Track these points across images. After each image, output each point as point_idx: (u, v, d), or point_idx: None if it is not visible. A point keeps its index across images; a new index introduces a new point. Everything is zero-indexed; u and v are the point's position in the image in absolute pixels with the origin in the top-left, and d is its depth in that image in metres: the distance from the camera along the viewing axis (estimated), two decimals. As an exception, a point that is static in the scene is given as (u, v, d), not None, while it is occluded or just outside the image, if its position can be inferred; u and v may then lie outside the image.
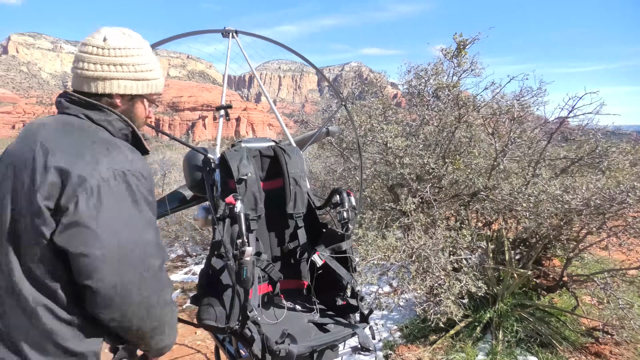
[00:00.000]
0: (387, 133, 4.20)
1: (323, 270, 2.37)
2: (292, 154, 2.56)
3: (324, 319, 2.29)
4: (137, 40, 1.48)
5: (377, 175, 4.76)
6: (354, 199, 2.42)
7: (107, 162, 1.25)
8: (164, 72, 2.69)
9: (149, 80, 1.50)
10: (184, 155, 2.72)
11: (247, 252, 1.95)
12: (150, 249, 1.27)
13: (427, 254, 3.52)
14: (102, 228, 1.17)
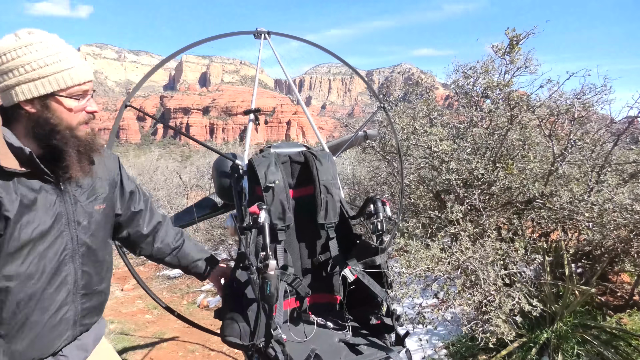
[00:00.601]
0: (431, 136, 3.94)
1: (356, 285, 2.20)
2: (324, 160, 2.40)
3: (357, 338, 2.10)
4: (25, 38, 1.32)
5: (421, 181, 4.50)
6: (389, 209, 2.22)
7: None
8: (218, 77, 2.64)
9: (49, 76, 1.33)
10: (213, 162, 2.65)
11: (270, 265, 1.82)
12: None
13: (474, 267, 3.23)
14: None
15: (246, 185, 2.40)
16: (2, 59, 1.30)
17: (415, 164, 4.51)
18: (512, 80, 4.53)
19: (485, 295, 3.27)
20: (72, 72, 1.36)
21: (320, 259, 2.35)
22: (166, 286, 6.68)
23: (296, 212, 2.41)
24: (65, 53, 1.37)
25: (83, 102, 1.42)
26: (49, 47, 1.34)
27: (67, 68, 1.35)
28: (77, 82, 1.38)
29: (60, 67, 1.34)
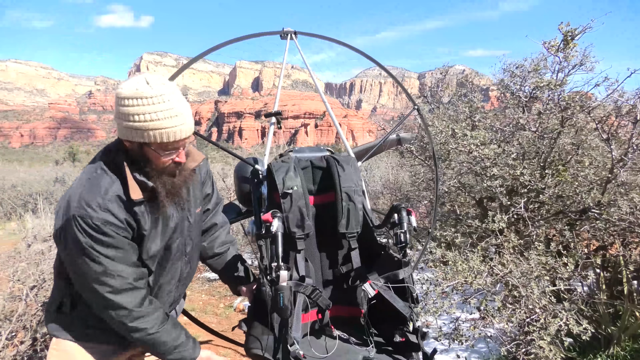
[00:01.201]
0: (471, 140, 3.68)
1: (380, 299, 2.05)
2: (347, 165, 2.26)
3: (381, 355, 1.96)
4: (140, 89, 1.42)
5: (463, 188, 4.23)
6: (414, 219, 2.06)
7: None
8: (270, 82, 2.66)
9: (140, 130, 1.45)
10: (235, 166, 2.59)
11: (282, 276, 1.73)
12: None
13: (516, 283, 2.96)
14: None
15: (265, 191, 2.32)
16: (123, 101, 1.43)
17: (456, 169, 4.24)
18: (567, 79, 4.17)
19: (528, 313, 2.99)
20: (163, 133, 1.46)
21: (342, 270, 2.22)
22: (205, 288, 6.76)
23: (317, 220, 2.30)
24: (173, 111, 1.46)
25: (172, 155, 1.55)
26: (162, 102, 1.43)
27: (166, 127, 1.46)
28: (171, 140, 1.49)
29: (161, 125, 1.45)
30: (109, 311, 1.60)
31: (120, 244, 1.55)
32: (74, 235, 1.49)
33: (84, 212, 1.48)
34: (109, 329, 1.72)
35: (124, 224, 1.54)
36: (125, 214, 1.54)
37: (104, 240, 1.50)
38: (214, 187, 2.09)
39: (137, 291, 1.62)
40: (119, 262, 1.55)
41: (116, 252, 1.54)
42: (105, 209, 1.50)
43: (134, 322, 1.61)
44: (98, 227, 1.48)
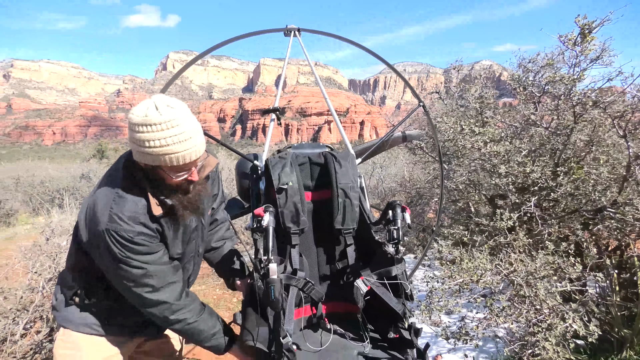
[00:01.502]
0: (478, 137, 3.61)
1: (375, 296, 2.05)
2: (344, 162, 2.26)
3: (376, 351, 1.97)
4: (150, 116, 1.45)
5: (473, 185, 4.16)
6: (409, 216, 2.05)
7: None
8: (293, 79, 2.72)
9: (151, 155, 1.50)
10: (236, 163, 2.62)
11: (272, 269, 1.75)
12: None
13: (520, 283, 2.90)
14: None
15: (263, 187, 2.34)
16: (134, 127, 1.47)
17: (466, 166, 4.17)
18: (584, 73, 4.04)
19: (535, 313, 2.93)
20: (174, 157, 1.50)
21: (338, 267, 2.23)
22: (220, 283, 6.84)
23: (314, 216, 2.31)
24: (182, 136, 1.48)
25: (184, 176, 1.60)
26: (170, 127, 1.46)
27: (176, 152, 1.49)
28: (181, 163, 1.53)
29: (171, 150, 1.48)
30: (150, 309, 1.70)
31: (154, 248, 1.65)
32: (108, 247, 1.58)
33: (118, 227, 1.56)
34: (120, 322, 1.85)
35: (155, 232, 1.64)
36: (156, 224, 1.64)
37: (138, 250, 1.60)
38: (220, 185, 2.18)
39: (175, 285, 1.73)
40: (155, 264, 1.66)
41: (152, 257, 1.64)
42: (138, 222, 1.59)
43: (174, 315, 1.72)
44: (132, 239, 1.57)
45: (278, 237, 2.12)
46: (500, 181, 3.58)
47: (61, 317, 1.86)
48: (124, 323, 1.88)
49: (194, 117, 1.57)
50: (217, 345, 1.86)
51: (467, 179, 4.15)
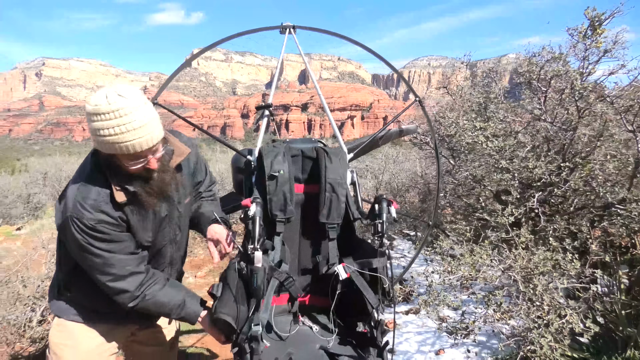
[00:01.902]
0: (479, 132, 3.58)
1: (354, 290, 2.08)
2: (335, 158, 2.31)
3: (341, 347, 2.00)
4: (99, 105, 1.48)
5: (476, 181, 4.12)
6: (394, 210, 2.07)
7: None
8: (316, 74, 2.79)
9: (104, 144, 1.53)
10: (231, 158, 2.70)
11: (256, 257, 1.79)
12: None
13: (517, 279, 2.89)
14: None
15: (254, 181, 2.41)
16: (88, 117, 1.52)
17: (470, 162, 4.14)
18: (594, 67, 3.95)
19: (533, 309, 2.91)
20: (125, 146, 1.52)
21: (318, 259, 2.28)
22: (234, 275, 6.99)
23: (304, 209, 2.37)
24: (132, 125, 1.50)
25: (140, 164, 1.61)
26: (119, 116, 1.48)
27: (127, 141, 1.51)
28: (132, 152, 1.54)
29: (122, 139, 1.50)
30: (113, 296, 1.75)
31: (117, 237, 1.68)
32: (72, 234, 1.63)
33: (80, 214, 1.60)
34: (104, 310, 1.89)
35: (117, 221, 1.66)
36: (119, 212, 1.67)
37: (100, 237, 1.63)
38: (206, 171, 2.19)
39: (137, 276, 1.76)
40: (117, 254, 1.69)
41: (114, 245, 1.68)
42: (99, 210, 1.62)
43: (133, 302, 1.76)
44: (93, 226, 1.61)
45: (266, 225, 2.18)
46: (503, 176, 3.56)
47: (55, 308, 1.94)
48: (109, 311, 1.89)
49: (150, 106, 1.59)
50: (186, 317, 1.88)
51: (470, 175, 4.13)
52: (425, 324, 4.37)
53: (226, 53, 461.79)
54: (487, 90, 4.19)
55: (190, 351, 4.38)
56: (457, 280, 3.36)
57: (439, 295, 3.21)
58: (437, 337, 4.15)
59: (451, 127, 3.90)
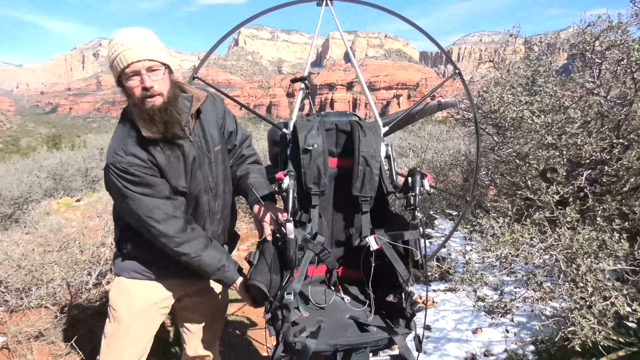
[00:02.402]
0: (523, 107, 3.41)
1: (384, 262, 2.09)
2: (369, 131, 2.30)
3: (372, 317, 2.03)
4: (112, 37, 1.73)
5: (520, 158, 3.96)
6: (427, 183, 2.05)
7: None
8: (362, 52, 2.79)
9: (110, 66, 1.73)
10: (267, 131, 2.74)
11: (289, 229, 1.85)
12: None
13: (559, 258, 2.79)
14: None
15: (289, 154, 2.44)
16: (108, 52, 1.76)
17: (516, 138, 3.96)
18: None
19: (576, 291, 2.81)
20: (119, 58, 1.68)
21: (351, 232, 2.30)
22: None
23: (337, 182, 2.39)
24: (123, 41, 1.67)
25: (136, 82, 1.71)
26: (117, 39, 1.69)
27: (117, 55, 1.67)
28: (124, 66, 1.68)
29: (115, 55, 1.68)
30: (158, 239, 1.84)
31: (150, 181, 1.78)
32: (112, 182, 1.77)
33: (114, 160, 1.74)
34: (155, 262, 2.01)
35: (147, 163, 1.77)
36: (147, 154, 1.77)
37: (134, 180, 1.75)
38: (236, 124, 2.25)
39: (176, 220, 1.85)
40: (153, 197, 1.79)
41: (148, 189, 1.78)
42: (129, 153, 1.74)
43: (178, 247, 1.85)
44: (126, 169, 1.73)
45: (301, 199, 2.22)
46: (550, 153, 3.40)
47: (116, 267, 2.08)
48: (160, 264, 2.00)
49: (153, 35, 1.76)
50: (223, 280, 1.98)
51: (514, 152, 3.97)
52: (462, 303, 4.33)
53: (272, 32, 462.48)
54: (536, 64, 3.97)
55: (231, 319, 4.57)
56: (496, 259, 3.29)
57: (476, 274, 3.16)
58: (474, 316, 4.11)
59: (495, 102, 3.75)
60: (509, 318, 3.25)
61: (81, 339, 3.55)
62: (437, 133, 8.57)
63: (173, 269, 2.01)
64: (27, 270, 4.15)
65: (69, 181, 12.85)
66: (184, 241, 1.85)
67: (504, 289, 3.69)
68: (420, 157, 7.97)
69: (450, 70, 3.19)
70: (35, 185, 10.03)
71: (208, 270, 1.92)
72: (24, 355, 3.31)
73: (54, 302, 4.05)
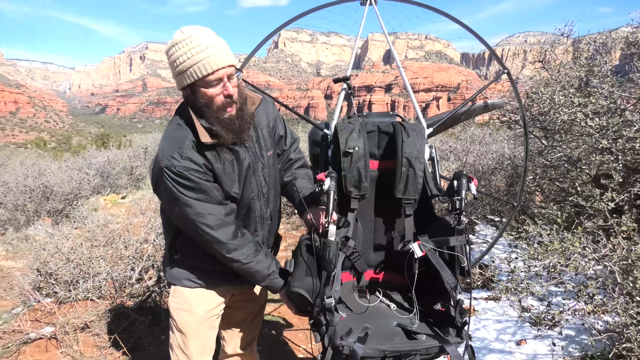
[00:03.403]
0: (576, 109, 3.23)
1: (429, 268, 2.03)
2: (412, 132, 2.24)
3: (417, 324, 1.96)
4: (174, 38, 1.64)
5: (571, 162, 3.75)
6: (474, 187, 1.97)
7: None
8: (402, 54, 2.76)
9: (183, 73, 1.64)
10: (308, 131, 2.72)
11: (330, 231, 1.82)
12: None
13: (613, 269, 2.62)
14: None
15: (330, 155, 2.42)
16: (167, 55, 1.70)
17: (566, 142, 3.77)
18: None
19: (629, 305, 2.63)
20: (201, 65, 1.61)
21: (394, 236, 2.24)
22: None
23: (378, 185, 2.34)
24: (202, 45, 1.60)
25: (218, 89, 1.66)
26: (192, 41, 1.61)
27: (199, 61, 1.60)
28: (208, 73, 1.62)
29: (195, 60, 1.60)
30: (210, 245, 1.81)
31: (204, 186, 1.73)
32: (164, 185, 1.72)
33: (169, 163, 1.69)
34: (208, 269, 1.97)
35: (203, 168, 1.73)
36: (203, 159, 1.73)
37: (189, 185, 1.70)
38: (286, 128, 2.20)
39: (229, 226, 1.81)
40: (206, 203, 1.75)
41: (202, 195, 1.74)
42: (185, 157, 1.69)
43: (230, 254, 1.81)
44: (182, 173, 1.68)
45: (341, 201, 2.19)
46: (604, 158, 3.21)
47: (169, 275, 2.05)
48: (212, 269, 1.97)
49: (219, 38, 1.68)
50: (271, 286, 1.95)
51: (564, 156, 3.77)
52: (505, 312, 4.16)
53: (312, 34, 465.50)
54: (589, 64, 3.76)
55: (267, 319, 4.59)
56: (544, 269, 3.14)
57: (521, 283, 3.02)
58: (518, 327, 3.94)
59: (545, 103, 3.58)
60: (557, 331, 3.08)
61: (123, 332, 3.67)
62: (479, 136, 8.31)
63: (223, 276, 1.99)
64: (75, 264, 4.33)
65: (115, 179, 13.35)
66: (236, 247, 1.83)
67: (551, 299, 3.51)
68: (462, 160, 7.75)
69: (493, 72, 3.06)
70: (85, 182, 10.47)
71: (257, 277, 1.91)
72: (70, 345, 3.44)
73: (99, 295, 4.20)
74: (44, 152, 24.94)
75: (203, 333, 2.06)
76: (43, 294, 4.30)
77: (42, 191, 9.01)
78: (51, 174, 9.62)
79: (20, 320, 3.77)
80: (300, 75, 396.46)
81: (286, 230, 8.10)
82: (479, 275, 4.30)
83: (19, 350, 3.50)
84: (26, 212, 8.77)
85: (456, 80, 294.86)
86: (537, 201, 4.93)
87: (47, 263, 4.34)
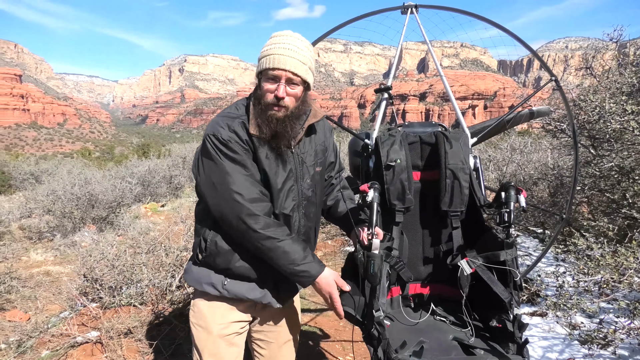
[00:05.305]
0: (628, 117, 3.07)
1: (482, 282, 1.97)
2: (455, 142, 2.20)
3: (475, 339, 1.90)
4: (282, 31, 1.78)
5: (623, 173, 3.57)
6: (523, 199, 1.91)
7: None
8: (431, 66, 2.77)
9: (259, 60, 1.76)
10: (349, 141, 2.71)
11: (374, 244, 1.80)
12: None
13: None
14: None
15: (372, 165, 2.40)
16: (268, 40, 1.80)
17: (617, 151, 3.59)
18: None
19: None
20: (269, 58, 1.71)
21: (442, 249, 2.19)
22: (346, 260, 7.09)
23: (422, 197, 2.30)
24: (283, 45, 1.72)
25: (273, 86, 1.73)
26: (279, 39, 1.73)
27: (269, 54, 1.71)
28: (269, 67, 1.71)
29: (268, 53, 1.72)
30: (242, 219, 1.72)
31: (244, 160, 1.75)
32: (207, 151, 1.76)
33: (216, 130, 1.75)
34: (236, 269, 1.85)
35: (246, 144, 1.76)
36: (248, 138, 1.77)
37: (231, 155, 1.73)
38: (337, 156, 2.18)
39: (265, 203, 1.78)
40: (244, 175, 1.75)
41: (242, 168, 1.75)
42: (232, 130, 1.75)
43: (264, 230, 1.72)
44: (226, 142, 1.73)
45: (385, 214, 2.16)
46: (659, 168, 3.04)
47: (190, 278, 1.95)
48: (241, 269, 1.87)
49: (308, 50, 1.78)
50: (308, 271, 1.77)
51: (615, 166, 3.59)
52: (552, 329, 3.98)
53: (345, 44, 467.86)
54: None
55: (304, 329, 4.58)
56: (595, 284, 2.99)
57: (570, 299, 2.88)
58: (566, 345, 3.75)
59: (594, 111, 3.43)
60: (611, 350, 2.91)
61: (164, 338, 3.74)
62: (520, 145, 8.06)
63: (247, 285, 1.90)
64: (119, 270, 4.47)
65: (155, 187, 13.77)
66: (269, 225, 1.74)
67: (603, 317, 3.34)
68: (502, 170, 7.53)
69: (531, 79, 2.97)
70: (127, 191, 10.84)
71: (293, 257, 1.75)
72: (115, 350, 3.54)
73: (142, 302, 4.31)
74: (88, 162, 26.04)
75: (220, 352, 1.95)
76: (89, 299, 4.44)
77: (88, 199, 9.38)
78: (96, 183, 10.02)
79: (68, 324, 3.91)
80: (334, 85, 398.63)
81: (321, 240, 8.09)
82: (524, 290, 4.14)
83: (66, 353, 3.62)
84: (73, 219, 9.15)
85: (493, 88, 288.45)
86: (585, 213, 4.72)
87: (93, 269, 4.50)
